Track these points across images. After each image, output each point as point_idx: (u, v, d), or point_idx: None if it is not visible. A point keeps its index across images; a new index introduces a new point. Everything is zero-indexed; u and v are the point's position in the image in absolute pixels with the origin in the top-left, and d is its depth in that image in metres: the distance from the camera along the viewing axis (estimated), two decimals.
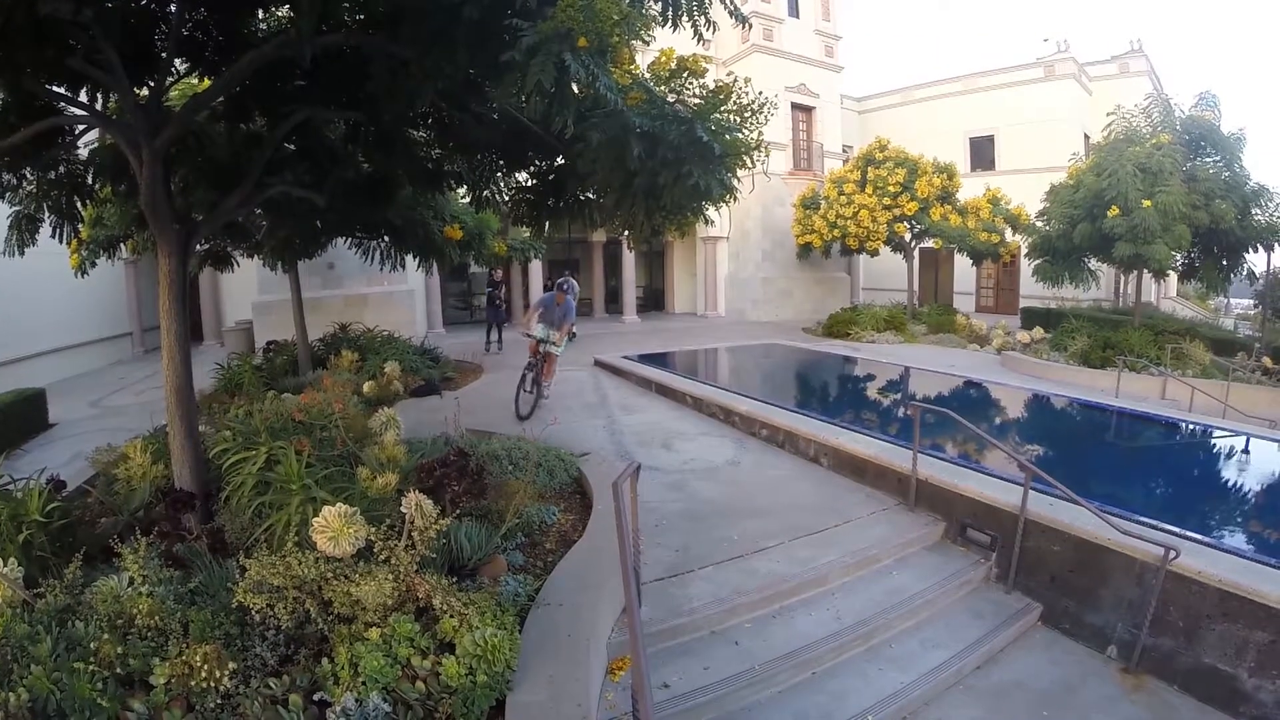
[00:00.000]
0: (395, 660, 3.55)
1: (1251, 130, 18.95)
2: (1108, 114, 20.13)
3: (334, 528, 3.92)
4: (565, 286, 11.05)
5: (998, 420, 12.83)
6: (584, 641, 4.00)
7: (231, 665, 3.50)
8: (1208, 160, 18.34)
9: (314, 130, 7.21)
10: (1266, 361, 17.46)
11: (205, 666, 3.40)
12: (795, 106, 28.67)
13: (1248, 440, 11.02)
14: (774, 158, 27.41)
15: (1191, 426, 12.08)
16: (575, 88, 4.29)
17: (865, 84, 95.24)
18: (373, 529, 4.04)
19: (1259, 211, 17.95)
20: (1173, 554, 5.24)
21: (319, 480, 4.87)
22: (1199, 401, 14.14)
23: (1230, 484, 9.93)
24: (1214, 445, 11.49)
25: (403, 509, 4.13)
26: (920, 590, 5.96)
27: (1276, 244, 17.95)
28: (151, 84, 5.83)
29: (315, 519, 4.01)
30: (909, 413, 7.38)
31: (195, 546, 4.71)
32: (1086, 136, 27.56)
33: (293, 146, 7.40)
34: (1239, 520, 8.42)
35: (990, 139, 33.16)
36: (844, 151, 29.93)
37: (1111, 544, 5.72)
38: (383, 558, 3.96)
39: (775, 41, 27.74)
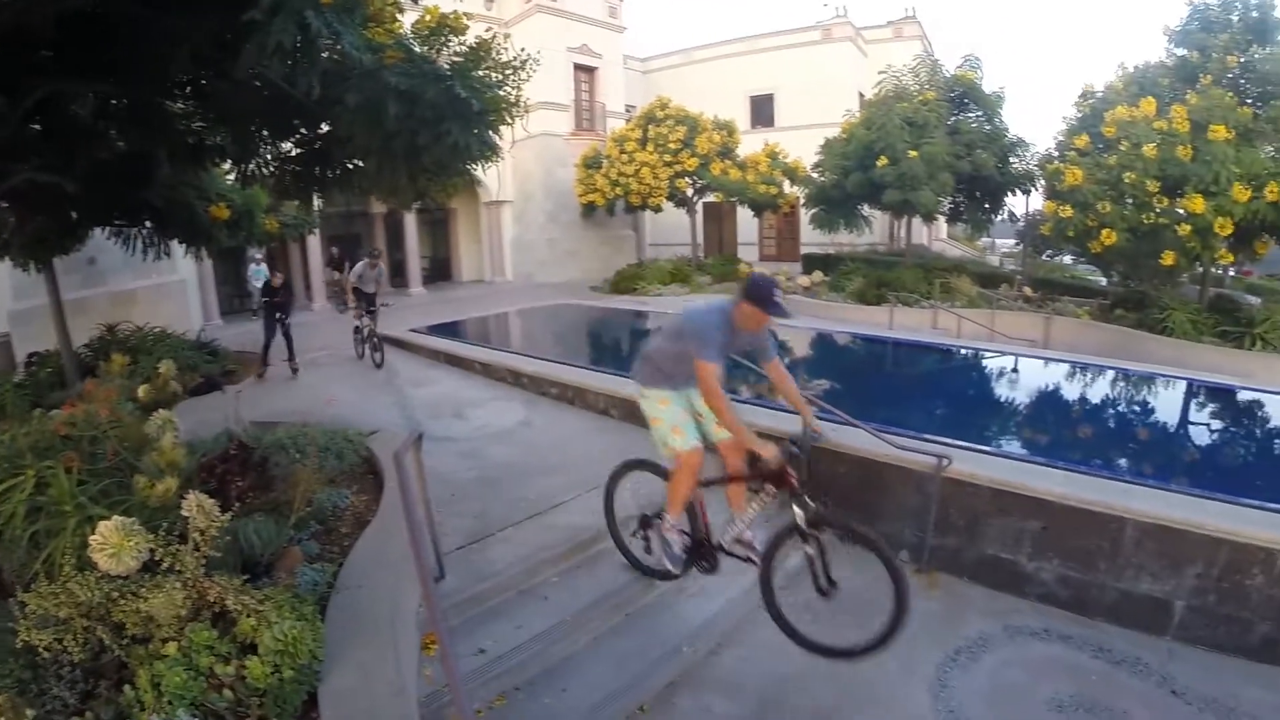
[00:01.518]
0: (198, 672, 3.34)
1: (1011, 89, 20.97)
2: (879, 73, 21.38)
3: (113, 543, 3.63)
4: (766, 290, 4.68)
5: (785, 359, 13.42)
6: (388, 620, 3.91)
7: (30, 713, 3.20)
8: (970, 115, 20.18)
9: (61, 107, 6.55)
10: (1027, 291, 19.26)
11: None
12: (578, 67, 28.69)
13: (1016, 360, 12.13)
14: (556, 118, 27.45)
15: (962, 351, 13.15)
16: (323, 48, 4.11)
17: (652, 44, 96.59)
18: (154, 537, 3.79)
19: (1017, 160, 19.92)
20: (946, 462, 5.76)
21: (94, 496, 4.51)
22: (967, 329, 15.40)
23: (998, 397, 10.90)
24: (983, 365, 12.55)
25: (183, 512, 3.90)
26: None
27: (1033, 188, 19.78)
28: None
29: (93, 536, 3.72)
30: None
31: None
32: (861, 95, 28.98)
33: (38, 126, 6.70)
34: (1010, 428, 9.26)
35: (770, 97, 34.40)
36: (627, 111, 30.18)
37: (891, 459, 6.20)
38: (166, 566, 3.71)
39: (558, 2, 27.46)
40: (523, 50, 5.63)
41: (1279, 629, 4.94)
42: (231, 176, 8.12)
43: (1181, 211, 13.44)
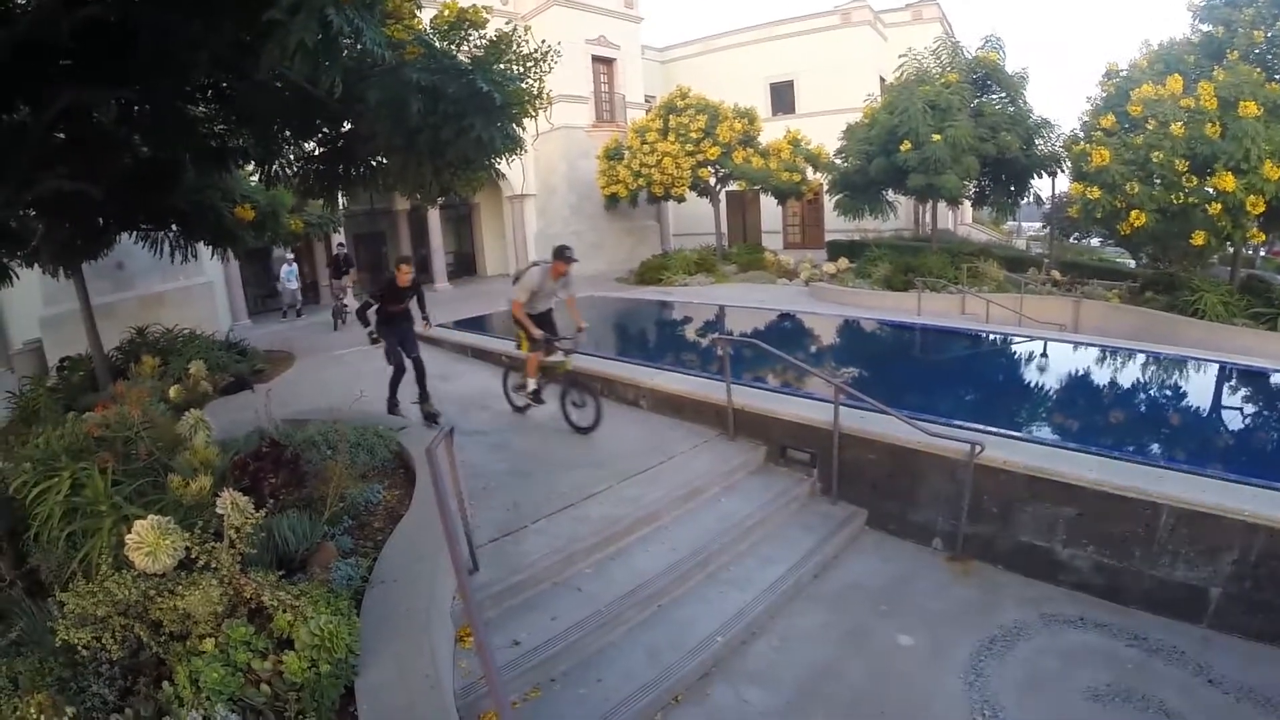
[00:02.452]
0: (236, 668, 3.37)
1: (1034, 70, 20.75)
2: (900, 56, 21.15)
3: (149, 541, 3.66)
4: None
5: (812, 347, 13.41)
6: (423, 614, 3.92)
7: (70, 710, 3.20)
8: (993, 97, 19.89)
9: (84, 115, 6.60)
10: (1055, 275, 19.11)
11: (42, 718, 3.14)
12: (596, 59, 28.54)
13: (1045, 344, 12.02)
14: (577, 111, 27.38)
15: (990, 336, 13.07)
16: (344, 46, 4.10)
17: (670, 34, 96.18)
18: (189, 535, 3.81)
19: (1042, 142, 19.63)
20: (978, 448, 5.71)
21: (129, 496, 4.54)
22: (995, 313, 15.29)
23: (1028, 382, 10.80)
24: (1012, 350, 12.44)
25: (218, 509, 3.92)
26: (750, 512, 6.23)
27: (1059, 170, 19.51)
28: None
29: (129, 535, 3.75)
30: (718, 347, 7.60)
31: (10, 594, 4.31)
32: (882, 79, 28.71)
33: (62, 135, 6.77)
34: (1041, 413, 9.17)
35: (790, 84, 34.12)
36: (646, 102, 30.05)
37: (922, 446, 6.15)
38: (202, 563, 3.73)
39: None
40: (544, 42, 5.61)
41: None
42: (255, 178, 8.14)
43: (1211, 190, 13.23)
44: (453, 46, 5.43)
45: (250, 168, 8.29)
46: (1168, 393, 10.41)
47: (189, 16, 4.53)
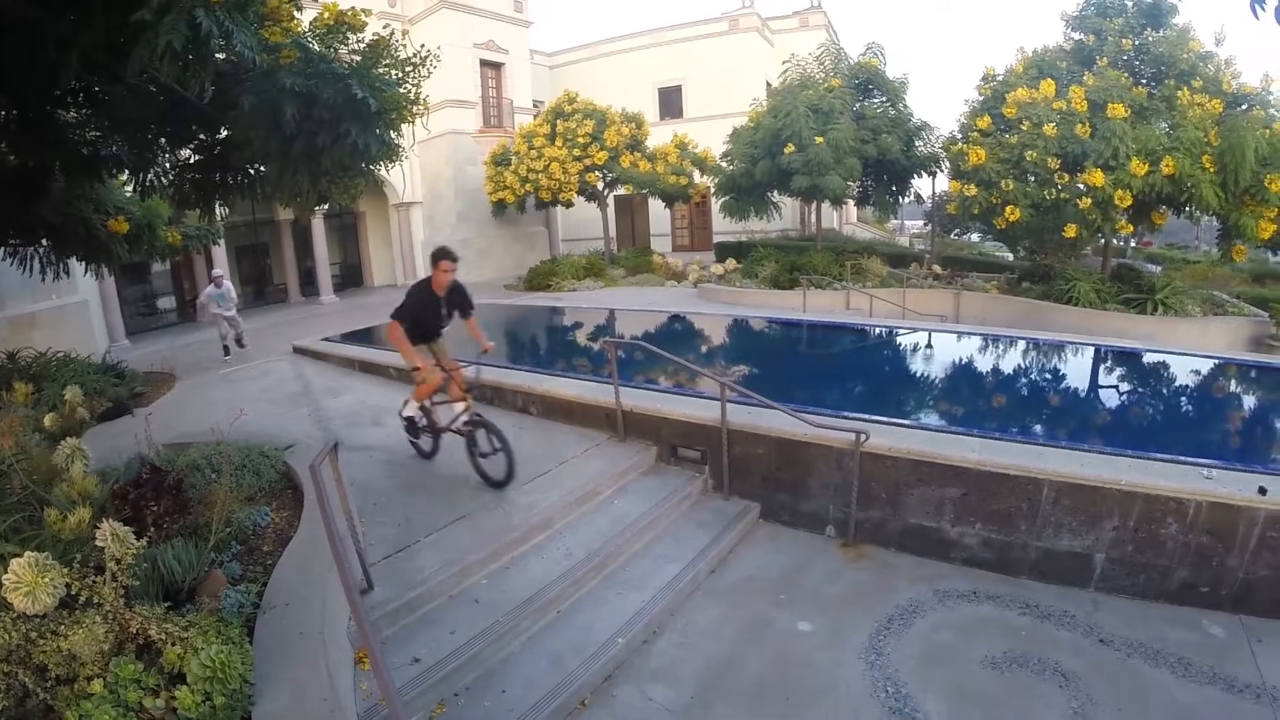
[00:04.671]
0: (127, 708, 3.21)
1: (915, 76, 21.58)
2: (784, 62, 21.64)
3: (28, 580, 3.45)
4: None
5: (701, 347, 13.57)
6: (318, 637, 3.81)
7: None
8: (875, 101, 20.63)
9: None
10: (936, 269, 19.87)
11: None
12: (485, 63, 28.42)
13: (928, 335, 12.47)
14: (464, 116, 27.25)
15: (875, 329, 13.47)
16: (216, 48, 3.99)
17: (559, 39, 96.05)
18: (69, 571, 3.64)
19: (921, 143, 20.39)
20: (863, 437, 5.95)
21: (3, 533, 4.32)
22: (879, 308, 15.85)
23: (913, 372, 11.19)
24: (896, 342, 12.84)
25: (98, 542, 3.76)
26: (644, 513, 6.30)
27: (938, 170, 20.35)
28: None
29: (6, 575, 3.56)
30: (607, 351, 7.66)
31: None
32: (769, 84, 29.26)
33: None
34: (926, 401, 9.50)
35: (678, 89, 34.58)
36: (535, 107, 29.96)
37: (808, 438, 6.35)
38: (84, 600, 3.57)
39: None
40: (423, 47, 5.56)
41: (1196, 573, 5.21)
42: (129, 188, 7.81)
43: (1082, 186, 14.09)
44: (331, 50, 5.33)
45: (124, 177, 7.96)
46: (1046, 375, 10.94)
47: (58, 14, 4.34)
